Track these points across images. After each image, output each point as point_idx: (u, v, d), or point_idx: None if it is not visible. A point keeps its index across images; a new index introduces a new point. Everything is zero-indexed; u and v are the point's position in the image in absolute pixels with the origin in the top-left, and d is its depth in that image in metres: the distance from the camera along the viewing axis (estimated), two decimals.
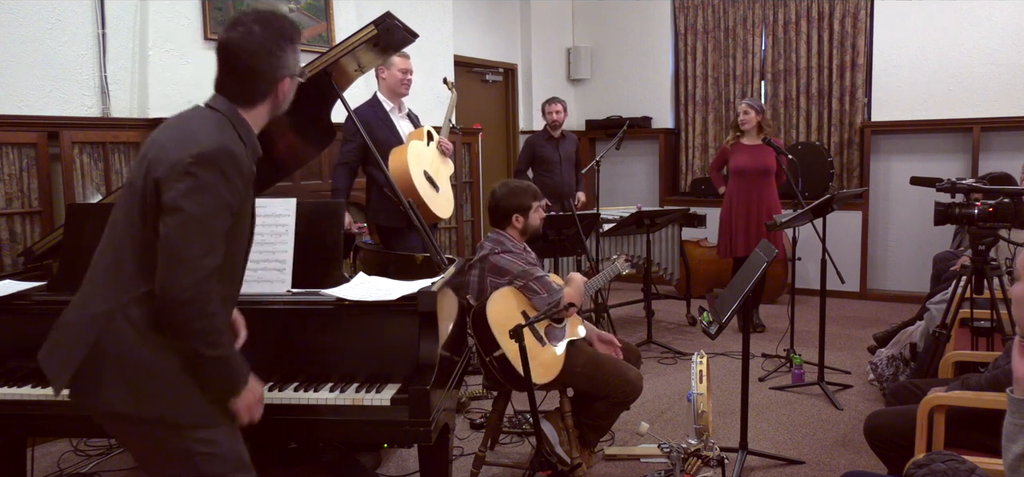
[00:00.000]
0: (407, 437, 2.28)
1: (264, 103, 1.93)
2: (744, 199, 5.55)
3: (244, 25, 1.87)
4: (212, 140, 1.78)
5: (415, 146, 3.86)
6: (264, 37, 1.86)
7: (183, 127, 1.85)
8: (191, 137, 1.79)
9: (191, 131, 1.81)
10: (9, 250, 3.63)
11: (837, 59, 6.85)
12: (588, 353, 3.14)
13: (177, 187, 1.72)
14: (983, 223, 3.09)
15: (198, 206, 1.72)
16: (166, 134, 1.86)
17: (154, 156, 1.79)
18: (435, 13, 6.01)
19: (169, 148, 1.78)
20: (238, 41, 1.86)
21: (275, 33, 1.88)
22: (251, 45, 1.85)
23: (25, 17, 3.71)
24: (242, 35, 1.86)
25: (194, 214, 1.72)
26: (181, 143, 1.77)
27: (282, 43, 1.89)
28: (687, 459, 3.19)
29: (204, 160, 1.74)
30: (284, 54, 1.90)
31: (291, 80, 1.94)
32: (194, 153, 1.74)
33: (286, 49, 1.90)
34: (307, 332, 2.32)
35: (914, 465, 1.69)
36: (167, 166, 1.74)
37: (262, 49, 1.86)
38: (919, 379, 3.03)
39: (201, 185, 1.73)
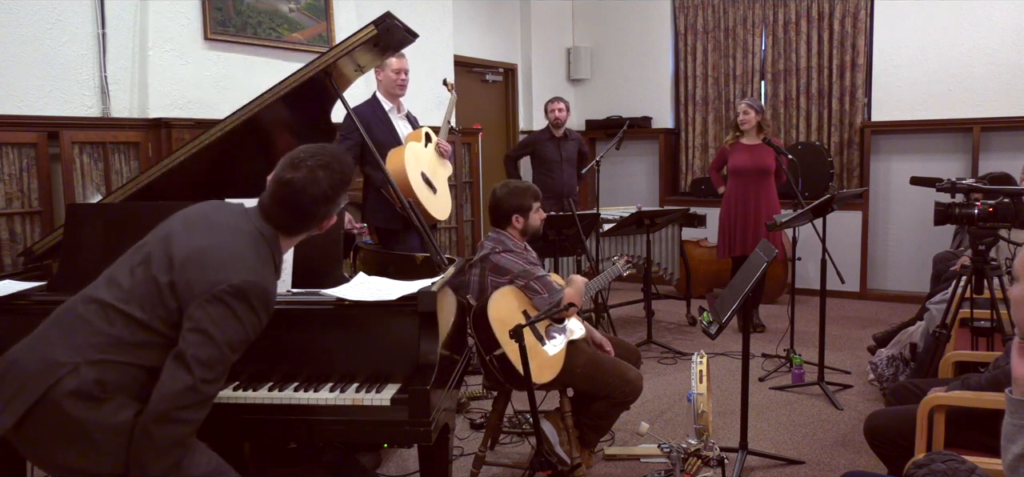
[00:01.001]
0: (407, 437, 2.28)
1: (304, 234, 2.00)
2: (744, 199, 5.55)
3: (308, 168, 1.90)
4: (253, 273, 1.81)
5: (413, 147, 3.86)
6: (328, 185, 1.91)
7: (226, 243, 1.85)
8: (234, 261, 1.81)
9: (235, 253, 1.83)
10: (9, 250, 3.63)
11: (837, 59, 6.85)
12: (588, 353, 3.14)
13: (208, 310, 1.74)
14: (983, 223, 3.09)
15: (223, 335, 1.75)
16: (205, 240, 1.85)
17: (187, 259, 1.80)
18: (435, 13, 6.01)
19: (207, 263, 1.79)
20: (301, 185, 1.89)
21: (337, 181, 1.94)
22: (315, 192, 1.90)
23: (25, 17, 3.71)
24: (307, 180, 1.89)
25: (217, 340, 1.74)
26: (222, 264, 1.79)
27: (341, 190, 1.96)
28: (687, 459, 3.19)
29: (241, 294, 1.76)
30: (340, 198, 1.97)
31: (336, 216, 2.03)
32: (234, 284, 1.76)
33: (343, 193, 1.97)
34: (307, 332, 2.32)
35: (914, 465, 1.69)
36: (202, 282, 1.76)
37: (323, 196, 1.91)
38: (919, 379, 3.03)
39: (232, 315, 1.76)
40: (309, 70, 2.69)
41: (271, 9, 4.68)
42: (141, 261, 1.87)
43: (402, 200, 3.09)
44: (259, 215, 1.94)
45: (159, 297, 1.79)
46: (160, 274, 1.80)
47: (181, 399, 1.71)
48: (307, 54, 4.63)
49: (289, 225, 1.95)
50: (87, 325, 1.80)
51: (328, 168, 1.92)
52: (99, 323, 1.80)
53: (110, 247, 2.46)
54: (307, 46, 4.84)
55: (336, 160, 1.95)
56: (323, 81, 2.77)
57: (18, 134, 3.66)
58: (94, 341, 1.77)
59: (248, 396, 2.21)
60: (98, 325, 1.79)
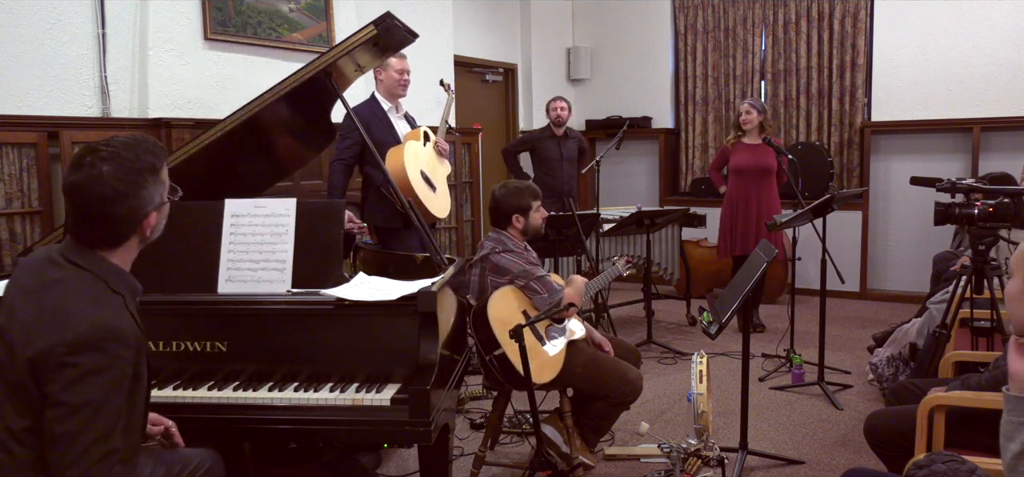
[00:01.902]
0: (407, 437, 2.28)
1: (130, 240, 1.71)
2: (744, 199, 5.55)
3: (90, 166, 1.62)
4: (86, 318, 1.56)
5: (412, 146, 3.87)
6: (116, 180, 1.62)
7: (47, 295, 1.61)
8: (61, 317, 1.57)
9: (58, 303, 1.59)
10: (9, 250, 3.63)
11: (837, 59, 6.85)
12: (588, 353, 3.14)
13: (57, 379, 1.53)
14: (983, 223, 3.08)
15: (80, 396, 1.53)
16: (28, 310, 1.60)
17: (18, 338, 1.58)
18: (435, 13, 6.01)
19: (37, 331, 1.56)
20: (84, 186, 1.61)
21: (130, 170, 1.64)
22: (102, 191, 1.61)
23: (25, 17, 3.71)
24: (89, 179, 1.61)
25: (83, 402, 1.53)
26: (51, 325, 1.56)
27: (139, 179, 1.65)
28: (687, 459, 3.18)
29: (82, 346, 1.54)
30: (144, 190, 1.66)
31: (159, 212, 1.72)
32: (68, 341, 1.54)
33: (146, 184, 1.66)
34: (307, 332, 2.32)
35: (915, 466, 1.69)
36: (42, 351, 1.54)
37: (115, 194, 1.62)
38: (919, 379, 3.03)
39: (85, 374, 1.53)
40: (309, 70, 2.69)
41: (271, 9, 4.68)
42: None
43: (402, 199, 3.08)
44: (69, 244, 1.69)
45: (23, 392, 1.58)
46: (8, 371, 1.60)
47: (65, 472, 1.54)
48: (307, 54, 4.63)
49: (94, 237, 1.66)
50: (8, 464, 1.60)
51: (114, 158, 1.62)
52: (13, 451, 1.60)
53: None
54: (307, 46, 4.84)
55: (128, 146, 1.67)
56: (323, 81, 2.77)
57: (18, 134, 3.66)
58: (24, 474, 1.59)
59: (248, 396, 2.21)
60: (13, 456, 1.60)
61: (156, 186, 1.71)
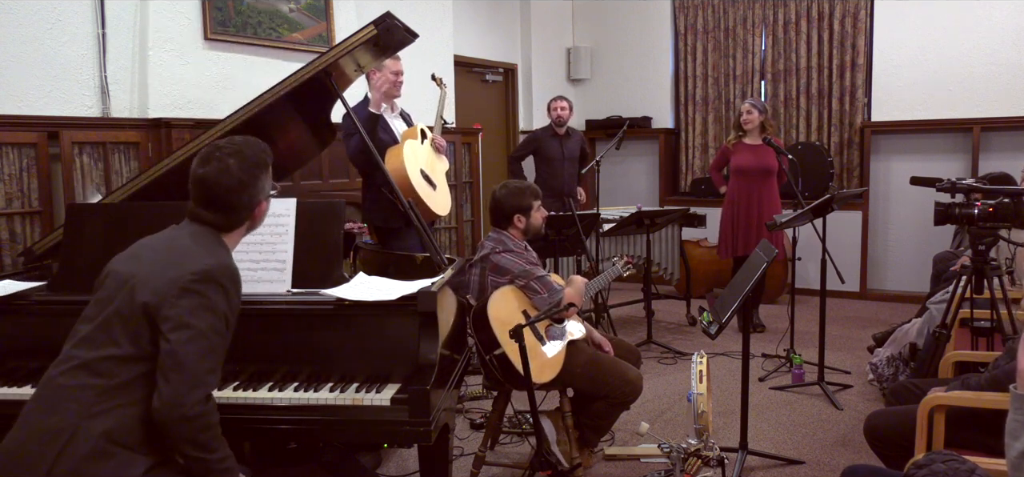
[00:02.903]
0: (407, 437, 2.28)
1: (243, 225, 1.98)
2: (745, 199, 5.55)
3: (219, 160, 1.90)
4: (214, 256, 1.84)
5: (410, 145, 3.86)
6: (240, 172, 1.90)
7: (173, 246, 1.87)
8: (188, 255, 1.82)
9: (185, 249, 1.84)
10: (9, 250, 3.63)
11: (837, 59, 6.85)
12: (588, 353, 3.14)
13: (181, 304, 1.75)
14: (983, 223, 3.08)
15: (205, 323, 1.76)
16: (152, 255, 1.86)
17: (144, 277, 1.79)
18: (435, 13, 6.01)
19: (163, 267, 1.80)
20: (215, 178, 1.89)
21: (251, 165, 1.93)
22: (229, 182, 1.89)
23: (25, 17, 3.71)
24: (218, 171, 1.89)
25: (202, 330, 1.75)
26: (178, 262, 1.80)
27: (257, 173, 1.94)
28: (687, 459, 3.18)
29: (208, 277, 1.79)
30: (260, 182, 1.95)
31: (267, 201, 2.01)
32: (196, 270, 1.78)
33: (261, 176, 1.95)
34: (307, 332, 2.32)
35: (914, 465, 1.69)
36: (166, 284, 1.76)
37: (240, 184, 1.90)
38: (919, 379, 3.03)
39: (207, 303, 1.77)
40: (309, 70, 2.69)
41: (271, 9, 4.68)
42: (100, 310, 1.84)
43: (402, 200, 3.08)
44: (190, 223, 1.94)
45: (134, 326, 1.78)
46: (125, 307, 1.79)
47: (185, 396, 1.71)
48: (307, 54, 4.63)
49: (217, 221, 1.93)
50: (70, 390, 1.76)
51: (238, 155, 1.91)
52: (83, 379, 1.77)
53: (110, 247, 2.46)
54: (307, 46, 4.84)
55: (247, 145, 1.95)
56: (323, 81, 2.77)
57: (18, 134, 3.66)
58: (84, 398, 1.75)
59: (248, 396, 2.21)
60: (82, 381, 1.76)
61: (267, 179, 1.99)
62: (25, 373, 2.32)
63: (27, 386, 2.25)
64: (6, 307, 2.38)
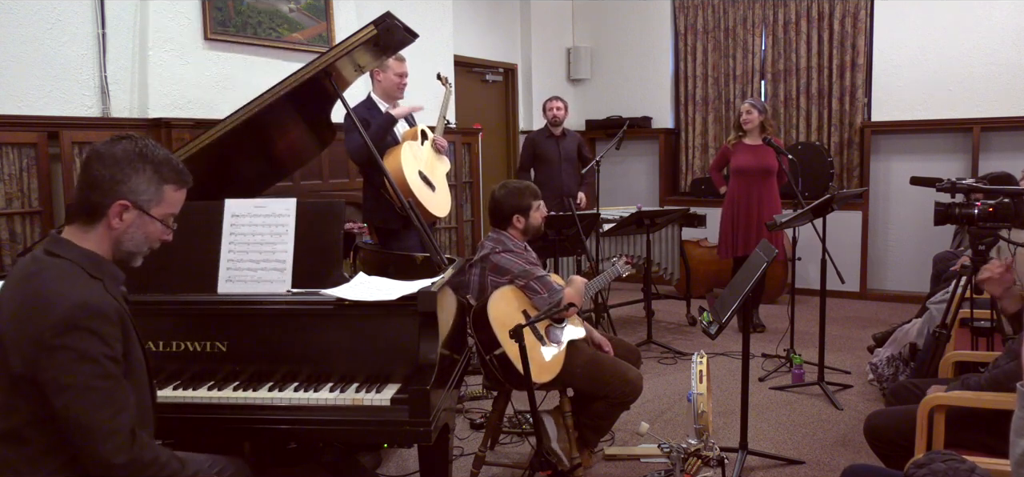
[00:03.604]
0: (407, 437, 2.28)
1: (100, 223, 1.73)
2: (745, 199, 5.55)
3: (112, 141, 1.74)
4: (67, 299, 1.60)
5: (409, 146, 3.85)
6: (119, 149, 1.72)
7: (27, 290, 1.66)
8: (42, 302, 1.61)
9: (39, 294, 1.63)
10: (9, 250, 3.63)
11: (837, 59, 6.85)
12: (588, 353, 3.14)
13: (52, 365, 1.57)
14: (983, 223, 3.08)
15: (84, 375, 1.58)
16: (12, 305, 1.66)
17: (9, 338, 1.63)
18: (435, 13, 6.01)
19: (22, 321, 1.61)
20: (97, 149, 1.73)
21: (133, 151, 1.72)
22: (102, 150, 1.72)
23: (25, 17, 3.71)
24: (104, 144, 1.73)
25: (85, 385, 1.58)
26: (34, 312, 1.60)
27: (135, 161, 1.72)
28: (687, 459, 3.18)
29: (66, 327, 1.58)
30: (130, 172, 1.71)
31: (135, 210, 1.73)
32: (52, 323, 1.57)
33: (137, 169, 1.72)
34: (307, 332, 2.32)
35: (914, 465, 1.69)
36: (29, 344, 1.58)
37: (108, 156, 1.71)
38: (919, 379, 3.03)
39: (77, 353, 1.58)
40: (309, 70, 2.69)
41: (271, 9, 4.68)
42: None
43: (402, 200, 3.08)
44: (51, 236, 1.78)
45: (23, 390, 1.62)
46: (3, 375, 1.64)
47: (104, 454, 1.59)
48: (307, 54, 4.63)
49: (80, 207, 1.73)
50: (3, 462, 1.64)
51: (131, 140, 1.74)
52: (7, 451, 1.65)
53: None
54: (307, 46, 4.84)
55: (148, 143, 1.77)
56: (323, 81, 2.77)
57: (18, 134, 3.66)
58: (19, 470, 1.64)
59: (248, 396, 2.21)
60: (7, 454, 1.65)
61: (145, 181, 1.74)
62: None
63: None
64: None
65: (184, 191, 1.83)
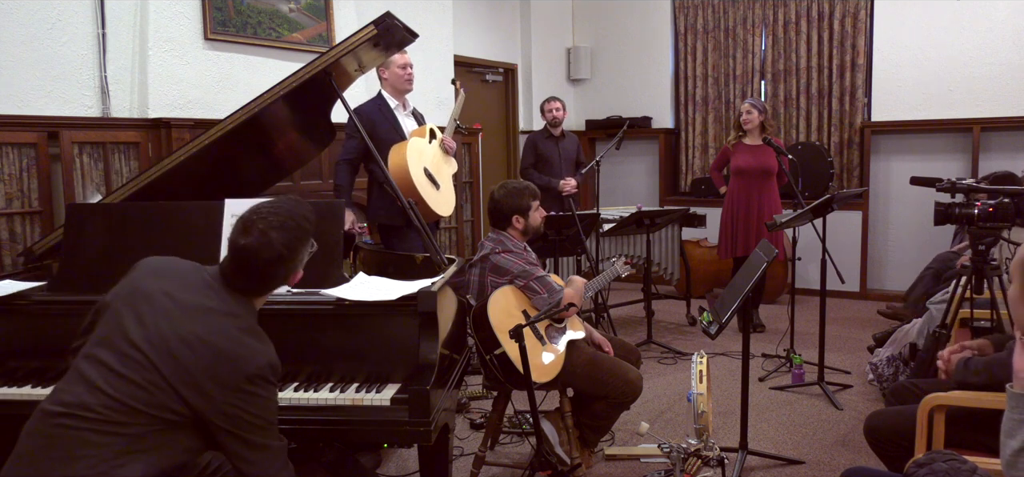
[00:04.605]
0: (407, 437, 2.28)
1: (271, 291, 1.97)
2: (745, 199, 5.55)
3: (259, 231, 1.83)
4: (261, 354, 1.82)
5: (415, 143, 3.84)
6: (282, 245, 1.84)
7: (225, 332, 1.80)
8: (239, 349, 1.79)
9: (238, 341, 1.80)
10: (9, 250, 3.63)
11: (837, 59, 6.85)
12: (588, 353, 3.14)
13: (238, 402, 1.77)
14: (983, 223, 3.09)
15: (262, 413, 1.81)
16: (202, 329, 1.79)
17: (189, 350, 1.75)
18: (435, 13, 6.01)
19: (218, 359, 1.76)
20: (255, 250, 1.83)
21: (293, 237, 1.87)
22: (269, 255, 1.83)
23: (25, 17, 3.71)
24: (260, 244, 1.83)
25: (260, 419, 1.81)
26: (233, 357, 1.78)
27: (298, 247, 1.90)
28: (687, 459, 3.18)
29: (259, 378, 1.79)
30: (300, 255, 1.92)
31: (302, 268, 1.99)
32: (249, 374, 1.78)
33: (301, 249, 1.91)
34: (307, 332, 2.32)
35: (915, 464, 1.70)
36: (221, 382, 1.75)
37: (279, 258, 1.85)
38: (919, 379, 3.03)
39: (263, 400, 1.81)
40: (310, 70, 2.69)
41: (271, 9, 4.68)
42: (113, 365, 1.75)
43: (402, 200, 3.08)
44: (222, 282, 1.88)
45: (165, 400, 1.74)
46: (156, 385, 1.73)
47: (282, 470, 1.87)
48: (307, 54, 4.63)
49: (251, 289, 1.90)
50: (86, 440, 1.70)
51: (282, 228, 1.85)
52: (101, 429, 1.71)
53: (110, 247, 2.46)
54: (307, 46, 4.84)
55: (290, 217, 1.88)
56: (324, 81, 2.77)
57: (18, 134, 3.66)
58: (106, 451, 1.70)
59: None
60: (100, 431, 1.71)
61: (307, 248, 1.95)
62: (25, 373, 2.32)
63: (27, 386, 2.26)
64: (6, 307, 2.38)
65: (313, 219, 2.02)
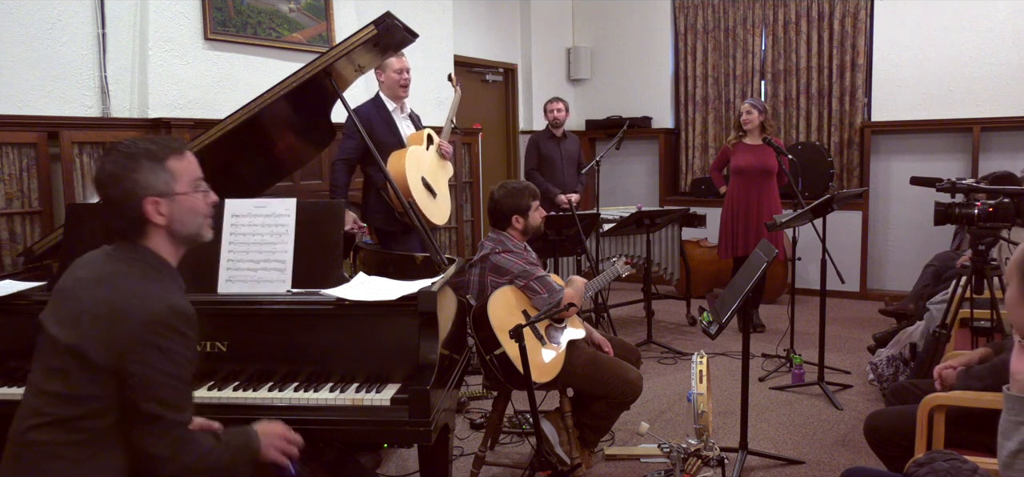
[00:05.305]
0: (407, 437, 2.28)
1: (149, 232, 1.81)
2: (745, 199, 5.55)
3: (97, 169, 1.81)
4: (157, 299, 1.72)
5: (413, 151, 3.83)
6: (112, 165, 1.78)
7: (114, 291, 1.74)
8: (132, 298, 1.71)
9: (130, 290, 1.73)
10: (9, 250, 3.63)
11: (837, 59, 6.85)
12: (588, 353, 3.14)
13: (144, 356, 1.67)
14: (983, 223, 3.09)
15: (169, 369, 1.69)
16: (95, 294, 1.74)
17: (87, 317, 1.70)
18: (435, 13, 6.01)
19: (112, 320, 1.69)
20: (97, 184, 1.81)
21: (124, 157, 1.78)
22: (102, 177, 1.79)
23: (25, 17, 3.71)
24: (97, 178, 1.81)
25: (168, 378, 1.69)
26: (125, 311, 1.69)
27: (131, 164, 1.77)
28: (687, 459, 3.18)
29: (159, 324, 1.69)
30: (136, 175, 1.77)
31: (165, 200, 1.79)
32: (144, 320, 1.68)
33: (138, 169, 1.77)
34: (307, 332, 2.32)
35: (916, 463, 1.70)
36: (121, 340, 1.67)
37: (111, 178, 1.78)
38: (919, 379, 3.03)
39: (166, 353, 1.69)
40: (309, 70, 2.69)
41: (271, 9, 4.68)
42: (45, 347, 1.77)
43: (402, 201, 3.08)
44: (114, 243, 1.84)
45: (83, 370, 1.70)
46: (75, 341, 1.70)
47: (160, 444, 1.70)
48: (307, 54, 4.63)
49: (123, 228, 1.82)
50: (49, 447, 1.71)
51: (115, 151, 1.80)
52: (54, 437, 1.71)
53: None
54: (307, 46, 4.84)
55: (131, 142, 1.83)
56: (323, 81, 2.77)
57: (18, 134, 3.66)
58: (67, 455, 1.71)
59: (248, 397, 2.21)
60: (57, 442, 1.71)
61: (154, 173, 1.79)
62: (25, 373, 2.31)
63: None
64: (6, 307, 2.38)
65: (187, 153, 1.88)
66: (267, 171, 3.30)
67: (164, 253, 1.83)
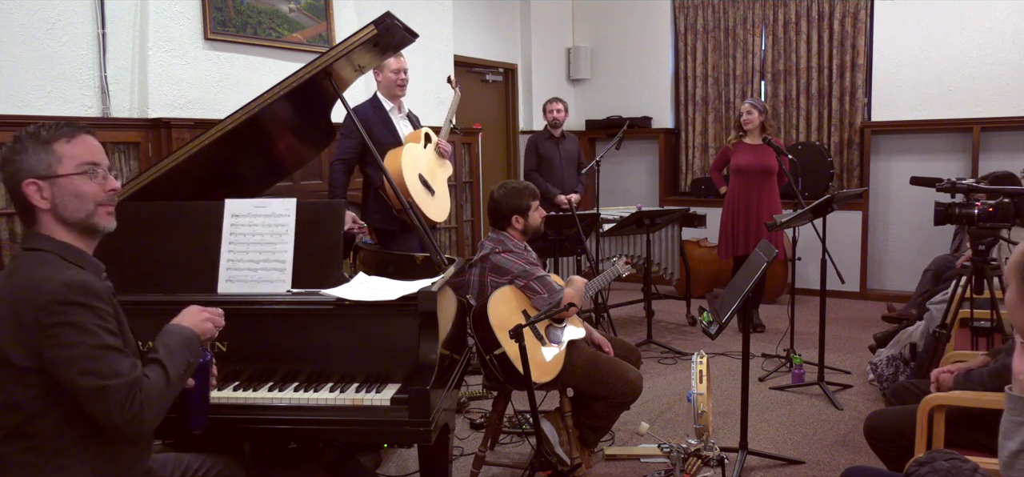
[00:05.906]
0: (407, 437, 2.28)
1: (39, 217, 1.76)
2: (745, 199, 5.55)
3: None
4: (54, 280, 1.65)
5: (410, 149, 3.84)
6: (7, 150, 1.76)
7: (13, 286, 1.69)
8: (31, 289, 1.65)
9: (26, 283, 1.67)
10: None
11: (837, 59, 6.85)
12: (588, 353, 3.14)
13: (53, 342, 1.62)
14: (983, 223, 3.09)
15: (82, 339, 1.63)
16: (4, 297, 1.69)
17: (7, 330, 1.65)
18: (435, 13, 6.01)
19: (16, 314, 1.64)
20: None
21: (16, 141, 1.76)
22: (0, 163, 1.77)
23: (25, 17, 3.71)
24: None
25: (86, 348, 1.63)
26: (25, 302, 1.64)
27: (18, 147, 1.75)
28: (687, 459, 3.18)
29: (55, 303, 1.63)
30: (20, 157, 1.74)
31: (46, 182, 1.74)
32: (41, 303, 1.62)
33: (23, 152, 1.74)
34: (307, 332, 2.32)
35: (916, 463, 1.70)
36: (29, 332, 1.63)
37: (3, 162, 1.76)
38: (919, 379, 3.03)
39: (72, 327, 1.63)
40: (309, 70, 2.68)
41: (271, 9, 4.68)
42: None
43: (401, 200, 3.08)
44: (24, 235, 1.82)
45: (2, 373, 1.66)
46: None
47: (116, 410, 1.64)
48: (307, 54, 4.63)
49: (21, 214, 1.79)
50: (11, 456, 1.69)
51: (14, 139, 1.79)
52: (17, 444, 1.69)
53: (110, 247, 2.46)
54: (307, 46, 4.84)
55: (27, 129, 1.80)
56: (323, 81, 2.77)
57: None
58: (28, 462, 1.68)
59: (248, 397, 2.21)
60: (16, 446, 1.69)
61: (39, 154, 1.75)
62: None
63: None
64: None
65: (83, 136, 1.83)
66: (267, 171, 3.30)
67: (66, 240, 1.77)
